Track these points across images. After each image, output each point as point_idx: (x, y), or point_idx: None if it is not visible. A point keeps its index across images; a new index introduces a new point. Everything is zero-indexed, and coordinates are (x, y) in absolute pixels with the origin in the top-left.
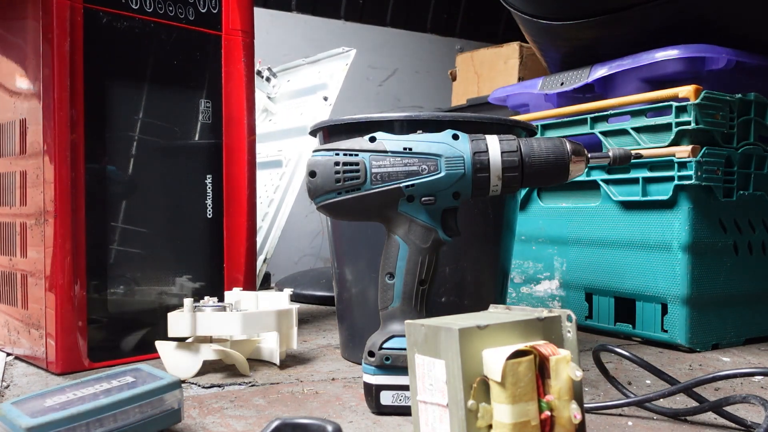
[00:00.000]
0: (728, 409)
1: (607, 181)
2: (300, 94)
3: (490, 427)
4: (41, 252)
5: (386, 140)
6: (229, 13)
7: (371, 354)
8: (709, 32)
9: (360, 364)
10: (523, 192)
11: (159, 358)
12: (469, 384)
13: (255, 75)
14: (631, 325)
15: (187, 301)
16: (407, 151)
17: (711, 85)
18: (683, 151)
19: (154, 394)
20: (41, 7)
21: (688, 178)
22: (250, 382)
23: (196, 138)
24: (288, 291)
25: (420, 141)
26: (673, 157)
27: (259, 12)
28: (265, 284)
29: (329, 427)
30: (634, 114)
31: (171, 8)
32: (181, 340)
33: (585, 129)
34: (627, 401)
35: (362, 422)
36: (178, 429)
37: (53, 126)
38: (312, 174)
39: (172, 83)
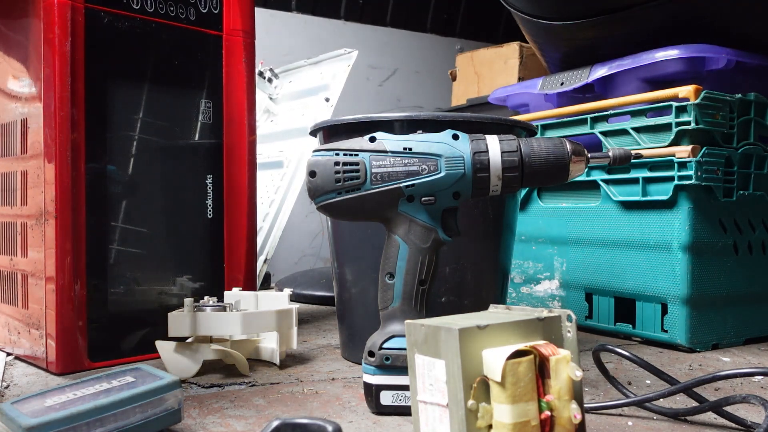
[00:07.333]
0: (728, 409)
1: (607, 181)
2: (302, 95)
3: (490, 427)
4: (42, 252)
5: (386, 140)
6: (230, 14)
7: (371, 354)
8: (709, 32)
9: (360, 364)
10: (523, 192)
11: (159, 358)
12: (469, 384)
13: (257, 76)
14: (631, 325)
15: (187, 301)
16: (407, 151)
17: (711, 85)
18: (683, 151)
19: (154, 394)
20: (42, 6)
21: (688, 178)
22: (250, 382)
23: (197, 138)
24: (288, 291)
25: (420, 141)
26: (673, 157)
27: (258, 12)
28: (265, 284)
29: (329, 427)
30: (634, 114)
31: (172, 8)
32: (181, 339)
33: (585, 129)
34: (627, 401)
35: (362, 422)
36: (178, 429)
37: (54, 126)
38: (312, 174)
39: (172, 83)
